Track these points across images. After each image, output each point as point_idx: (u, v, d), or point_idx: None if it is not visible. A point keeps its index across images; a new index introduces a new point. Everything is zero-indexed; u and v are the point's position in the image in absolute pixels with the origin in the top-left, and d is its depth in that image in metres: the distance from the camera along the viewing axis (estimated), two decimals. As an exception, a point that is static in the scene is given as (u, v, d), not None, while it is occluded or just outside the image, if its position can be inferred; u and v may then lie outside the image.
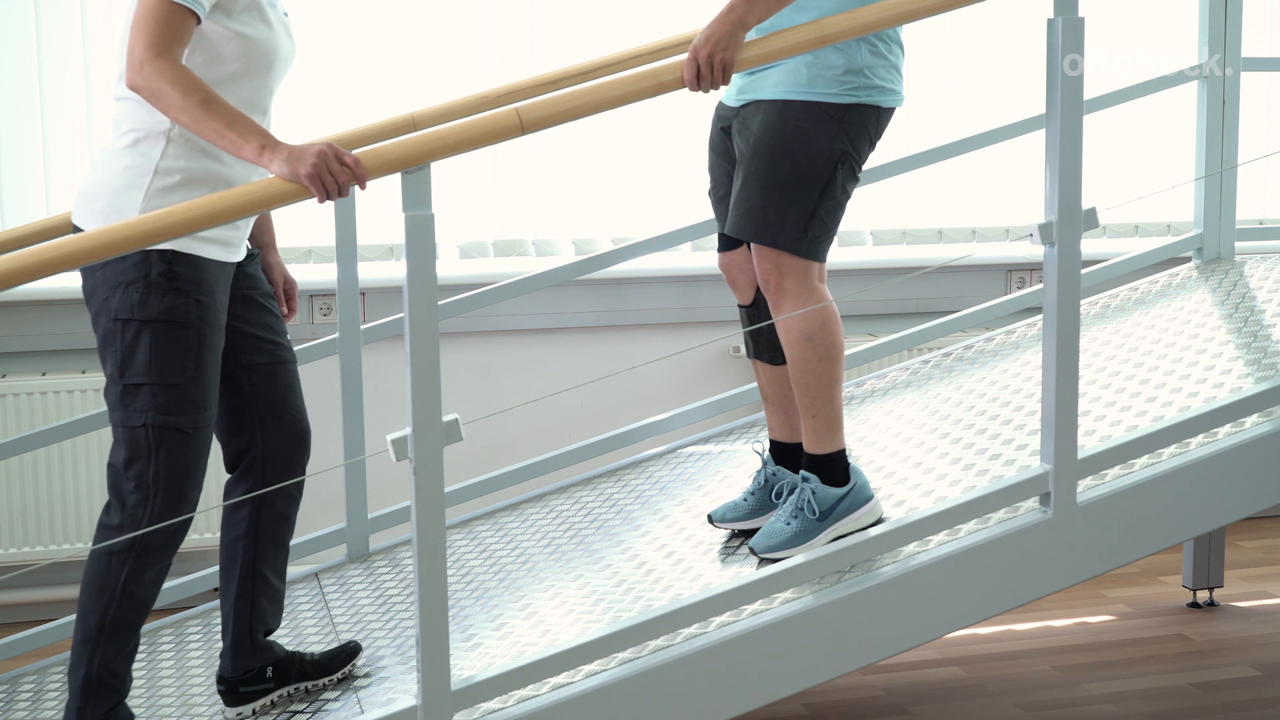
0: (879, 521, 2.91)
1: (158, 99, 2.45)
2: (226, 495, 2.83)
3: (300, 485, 2.86)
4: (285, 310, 2.96)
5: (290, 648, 2.95)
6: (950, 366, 3.76)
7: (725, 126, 2.96)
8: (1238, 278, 3.78)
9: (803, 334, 2.82)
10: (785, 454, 3.07)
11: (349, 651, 2.89)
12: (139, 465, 2.59)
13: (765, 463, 3.07)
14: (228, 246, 2.67)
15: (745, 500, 3.05)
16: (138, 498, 2.59)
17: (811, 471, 2.88)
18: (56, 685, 3.07)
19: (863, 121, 2.82)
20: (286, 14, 2.74)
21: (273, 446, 2.80)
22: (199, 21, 2.51)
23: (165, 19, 2.47)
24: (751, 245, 2.85)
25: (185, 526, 2.64)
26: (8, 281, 2.29)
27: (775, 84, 2.80)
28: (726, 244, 3.03)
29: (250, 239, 2.96)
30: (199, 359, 2.60)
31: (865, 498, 2.90)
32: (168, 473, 2.59)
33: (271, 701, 2.82)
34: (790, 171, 2.78)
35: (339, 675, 2.87)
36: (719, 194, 3.01)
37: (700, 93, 2.60)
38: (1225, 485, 2.96)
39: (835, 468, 2.88)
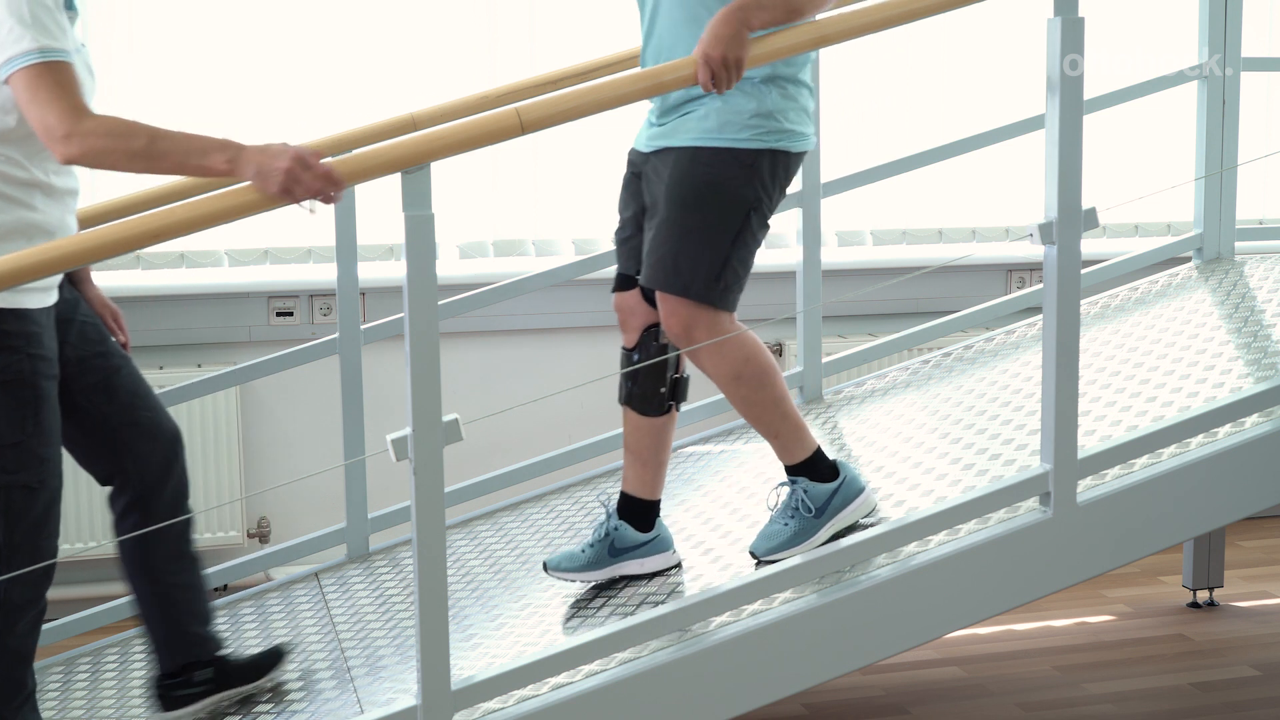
0: (873, 513, 2.90)
1: (103, 159, 2.36)
2: (111, 505, 2.76)
3: (183, 485, 2.80)
4: (121, 339, 2.88)
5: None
6: (950, 366, 3.76)
7: (636, 171, 2.90)
8: (1238, 278, 3.78)
9: (731, 375, 2.78)
10: (633, 509, 2.95)
11: (276, 653, 2.84)
12: None
13: (609, 515, 2.96)
14: (46, 291, 2.58)
15: (584, 552, 2.93)
16: None
17: (800, 475, 2.87)
18: (55, 686, 3.07)
19: (774, 167, 2.77)
20: (84, 45, 2.65)
21: (140, 456, 2.74)
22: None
23: (57, 81, 2.36)
24: (659, 296, 2.78)
25: (49, 575, 2.58)
26: (6, 281, 2.29)
27: (686, 131, 2.76)
28: (622, 283, 2.96)
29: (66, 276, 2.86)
30: (37, 413, 2.53)
31: (858, 489, 2.89)
32: (20, 530, 2.53)
33: (206, 709, 2.77)
34: (702, 220, 2.74)
35: (268, 681, 2.81)
36: (623, 235, 2.94)
37: (717, 93, 2.57)
38: (1225, 485, 2.96)
39: (818, 466, 2.87)
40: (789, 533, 2.85)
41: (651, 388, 2.92)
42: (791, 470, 2.88)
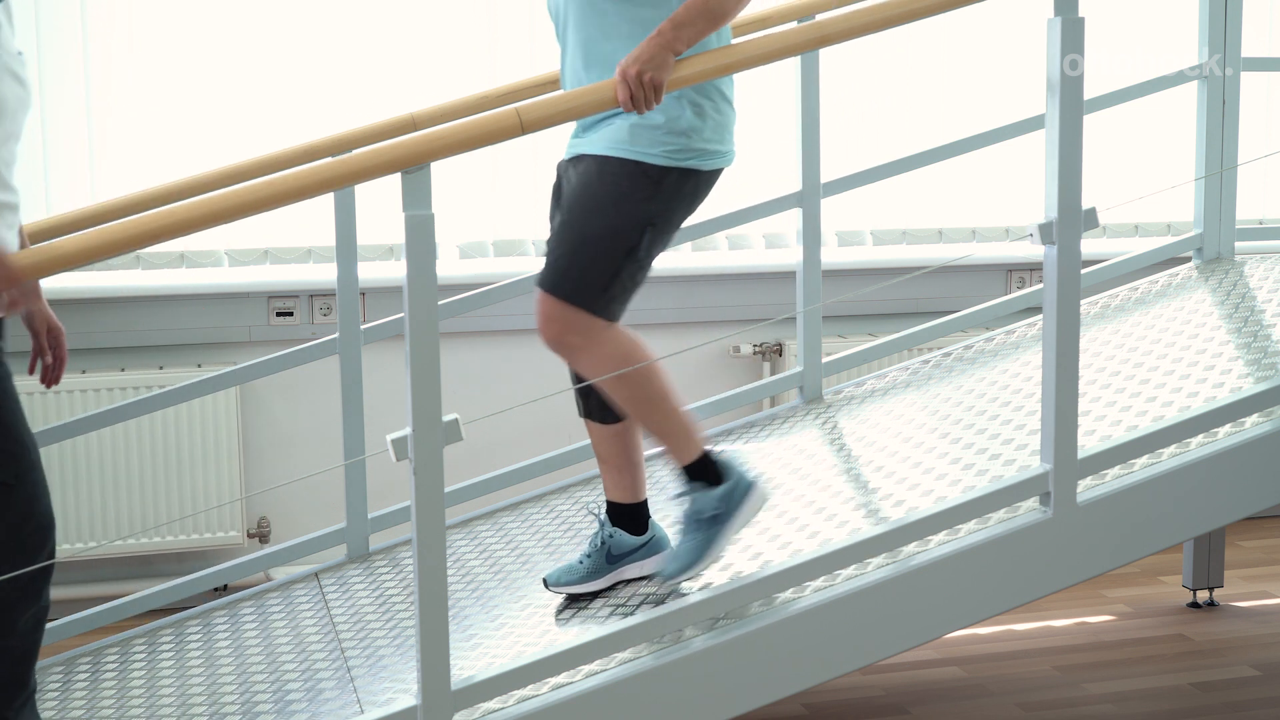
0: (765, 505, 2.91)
1: None
2: None
3: None
4: (50, 359, 2.82)
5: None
6: (950, 366, 3.76)
7: (561, 179, 2.89)
8: (1238, 278, 3.78)
9: (614, 378, 2.73)
10: (623, 514, 2.95)
11: None
12: None
13: (602, 524, 2.95)
14: None
15: (582, 563, 2.92)
16: None
17: (694, 480, 2.81)
18: (55, 686, 3.07)
19: (681, 186, 2.73)
20: (20, 52, 2.61)
21: None
22: None
23: None
24: (540, 297, 2.72)
25: (45, 573, 2.54)
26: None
27: (600, 139, 2.74)
28: None
29: None
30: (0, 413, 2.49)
31: (747, 486, 2.81)
32: (3, 528, 2.50)
33: None
34: (598, 229, 2.70)
35: None
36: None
37: (636, 113, 2.56)
38: (1225, 485, 2.96)
39: (711, 469, 2.80)
40: (691, 546, 2.78)
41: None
42: (690, 473, 2.81)
